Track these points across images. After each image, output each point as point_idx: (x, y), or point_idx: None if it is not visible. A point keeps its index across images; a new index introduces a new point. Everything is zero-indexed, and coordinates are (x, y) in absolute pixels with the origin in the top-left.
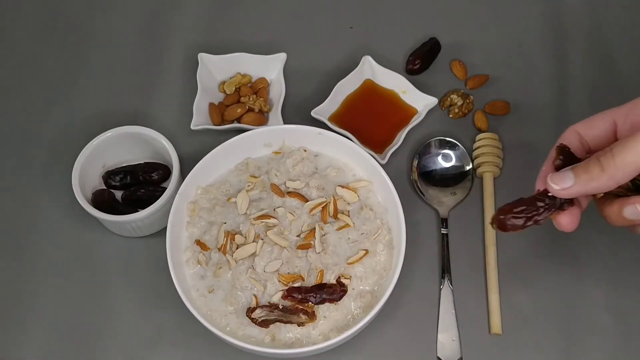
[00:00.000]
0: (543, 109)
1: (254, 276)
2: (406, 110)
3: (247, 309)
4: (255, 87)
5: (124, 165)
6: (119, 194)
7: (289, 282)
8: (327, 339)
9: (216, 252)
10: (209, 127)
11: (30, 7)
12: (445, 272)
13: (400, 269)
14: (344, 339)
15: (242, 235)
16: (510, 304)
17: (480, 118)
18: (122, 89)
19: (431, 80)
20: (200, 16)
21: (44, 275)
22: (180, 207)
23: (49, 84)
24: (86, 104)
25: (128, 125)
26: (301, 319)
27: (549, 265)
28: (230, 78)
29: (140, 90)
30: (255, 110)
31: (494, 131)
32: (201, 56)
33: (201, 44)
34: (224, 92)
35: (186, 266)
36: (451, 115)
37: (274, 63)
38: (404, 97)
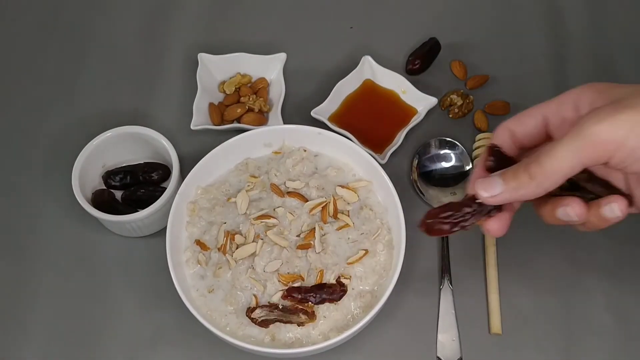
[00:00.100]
0: None
1: (253, 276)
2: (406, 110)
3: (247, 309)
4: (255, 87)
5: (124, 165)
6: (119, 194)
7: (288, 282)
8: (327, 339)
9: (216, 252)
10: (209, 127)
11: (30, 7)
12: (445, 272)
13: (400, 269)
14: (343, 339)
15: (242, 235)
16: (510, 304)
17: (480, 118)
18: (122, 89)
19: (431, 80)
20: (200, 16)
21: (44, 275)
22: (180, 207)
23: (49, 84)
24: (86, 104)
25: (128, 125)
26: (301, 319)
27: (549, 265)
28: (230, 78)
29: (140, 90)
30: (255, 110)
31: (493, 131)
32: (201, 56)
33: (201, 44)
34: (223, 92)
35: (186, 266)
36: (451, 115)
37: (274, 63)
38: (403, 97)
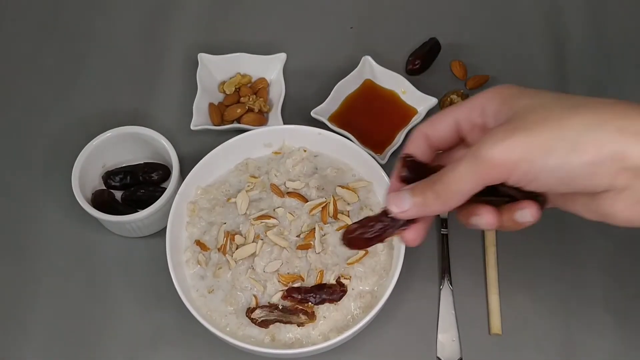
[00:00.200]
0: None
1: (253, 276)
2: (406, 111)
3: (247, 309)
4: (255, 87)
5: (123, 165)
6: (118, 194)
7: (288, 283)
8: (327, 339)
9: (216, 252)
10: (209, 127)
11: (30, 7)
12: (445, 272)
13: (400, 269)
14: (343, 339)
15: (242, 236)
16: (510, 304)
17: None
18: (122, 89)
19: (431, 80)
20: (200, 16)
21: (44, 275)
22: (180, 207)
23: (49, 84)
24: (86, 104)
25: (128, 125)
26: (301, 319)
27: (549, 265)
28: (230, 78)
29: (140, 90)
30: (255, 111)
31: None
32: (201, 56)
33: (201, 44)
34: (223, 92)
35: (186, 266)
36: None
37: (274, 63)
38: (403, 97)
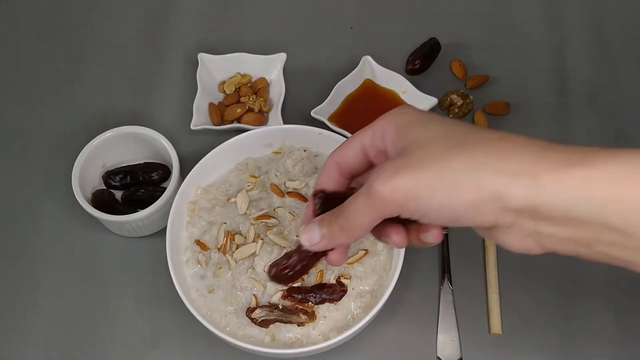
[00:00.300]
0: (543, 109)
1: (253, 276)
2: None
3: (247, 309)
4: (255, 87)
5: (124, 165)
6: (119, 194)
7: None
8: (327, 339)
9: (216, 252)
10: (209, 127)
11: (30, 8)
12: (445, 272)
13: (400, 268)
14: (344, 339)
15: (242, 235)
16: (510, 304)
17: (480, 118)
18: (122, 89)
19: (431, 80)
20: (200, 16)
21: (44, 275)
22: (180, 207)
23: (49, 84)
24: (86, 104)
25: (128, 125)
26: (301, 319)
27: (549, 265)
28: (230, 78)
29: (140, 90)
30: (255, 110)
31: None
32: (201, 56)
33: (201, 44)
34: (223, 92)
35: (186, 266)
36: (451, 115)
37: (274, 63)
38: (404, 97)
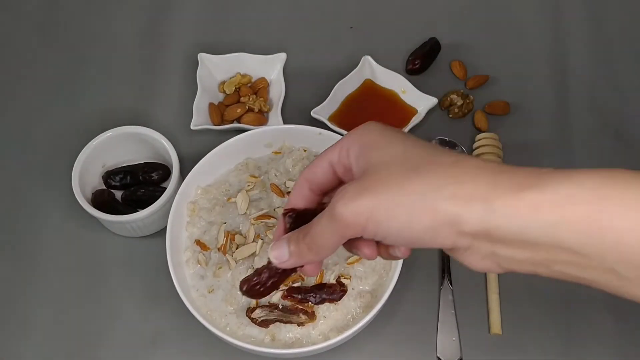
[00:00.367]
0: (543, 109)
1: None
2: (406, 110)
3: (247, 309)
4: (255, 87)
5: (123, 165)
6: (119, 194)
7: (288, 282)
8: (327, 339)
9: (216, 252)
10: (209, 127)
11: (30, 7)
12: (445, 272)
13: (400, 268)
14: (343, 339)
15: (242, 235)
16: (510, 304)
17: (480, 118)
18: (122, 89)
19: (431, 80)
20: (200, 16)
21: (44, 275)
22: (180, 207)
23: (49, 84)
24: (86, 104)
25: (128, 125)
26: (301, 319)
27: None
28: (230, 78)
29: (140, 90)
30: (255, 110)
31: (493, 131)
32: (201, 56)
33: (201, 44)
34: (223, 92)
35: (186, 266)
36: (451, 115)
37: (274, 63)
38: (403, 97)
